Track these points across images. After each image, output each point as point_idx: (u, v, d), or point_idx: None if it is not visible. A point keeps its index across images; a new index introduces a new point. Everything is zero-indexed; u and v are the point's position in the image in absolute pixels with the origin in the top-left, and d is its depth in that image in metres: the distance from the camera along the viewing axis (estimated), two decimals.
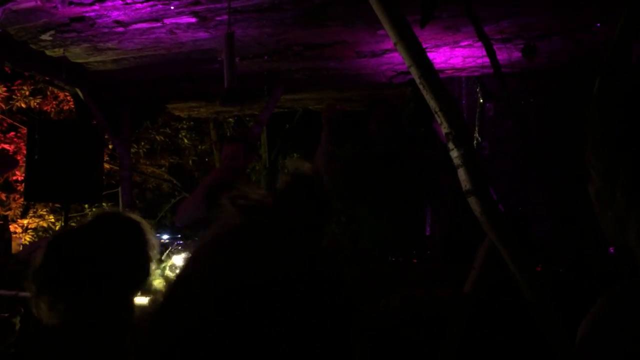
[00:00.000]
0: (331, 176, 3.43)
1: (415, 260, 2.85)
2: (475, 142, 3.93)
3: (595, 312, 0.91)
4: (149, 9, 3.67)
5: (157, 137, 9.44)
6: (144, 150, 9.52)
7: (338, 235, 10.10)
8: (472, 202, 2.22)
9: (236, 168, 4.11)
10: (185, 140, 10.02)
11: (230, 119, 9.58)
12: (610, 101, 1.01)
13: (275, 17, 3.82)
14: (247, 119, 9.45)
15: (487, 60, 3.28)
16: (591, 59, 4.16)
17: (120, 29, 4.03)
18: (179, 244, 3.13)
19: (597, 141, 1.00)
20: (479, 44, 3.31)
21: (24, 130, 7.70)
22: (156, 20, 3.88)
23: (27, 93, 8.01)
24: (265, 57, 4.52)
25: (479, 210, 2.21)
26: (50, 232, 8.07)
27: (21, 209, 8.32)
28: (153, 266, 1.72)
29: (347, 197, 3.64)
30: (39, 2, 3.56)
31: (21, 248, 4.39)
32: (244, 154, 4.11)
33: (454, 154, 2.23)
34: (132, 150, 8.49)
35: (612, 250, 3.16)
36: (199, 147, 10.39)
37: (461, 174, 2.24)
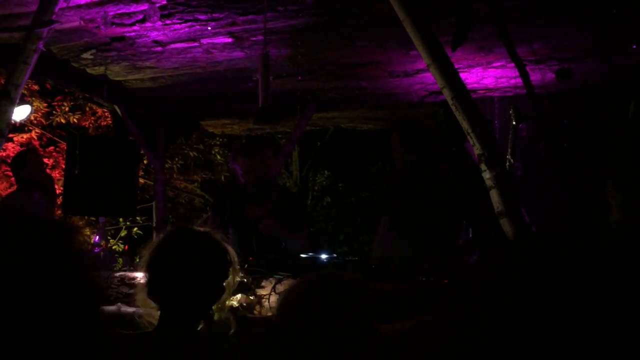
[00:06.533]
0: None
1: (446, 281, 2.84)
2: (507, 163, 3.91)
3: None
4: (187, 29, 3.77)
5: (190, 152, 9.56)
6: (178, 165, 9.65)
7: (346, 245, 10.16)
8: (505, 223, 2.23)
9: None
10: (218, 157, 10.14)
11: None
12: (629, 133, 1.02)
13: (309, 37, 3.88)
14: (279, 136, 9.54)
15: (520, 80, 3.28)
16: (626, 81, 4.12)
17: (159, 49, 4.14)
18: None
19: (616, 173, 1.01)
20: (512, 64, 3.31)
21: (63, 145, 7.89)
22: (193, 40, 3.98)
23: (67, 109, 8.21)
24: (299, 77, 4.59)
25: (511, 231, 2.22)
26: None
27: None
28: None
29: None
30: (82, 23, 3.68)
31: None
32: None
33: (487, 175, 2.25)
34: (167, 165, 8.63)
35: None
36: None
37: (493, 195, 2.24)
